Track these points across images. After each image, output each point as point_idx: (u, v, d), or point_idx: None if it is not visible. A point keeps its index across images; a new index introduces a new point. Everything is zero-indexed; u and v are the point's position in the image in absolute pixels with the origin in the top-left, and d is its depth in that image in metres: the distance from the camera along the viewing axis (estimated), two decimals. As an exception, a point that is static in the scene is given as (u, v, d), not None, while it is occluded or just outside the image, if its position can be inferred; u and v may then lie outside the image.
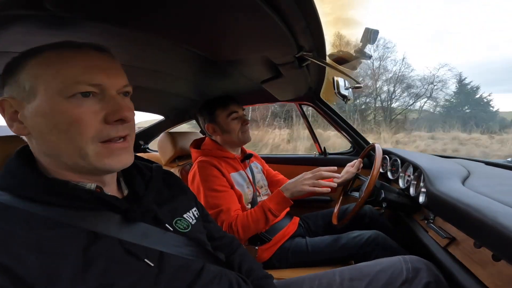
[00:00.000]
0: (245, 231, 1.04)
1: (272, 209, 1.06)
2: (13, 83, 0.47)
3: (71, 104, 0.46)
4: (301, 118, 2.01)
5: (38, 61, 0.46)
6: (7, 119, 0.48)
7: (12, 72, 0.48)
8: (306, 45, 0.77)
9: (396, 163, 1.42)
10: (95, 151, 0.48)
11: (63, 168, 0.50)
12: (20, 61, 0.47)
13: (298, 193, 1.05)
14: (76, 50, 0.48)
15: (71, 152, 0.47)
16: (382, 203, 1.11)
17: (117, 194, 0.58)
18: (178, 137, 1.62)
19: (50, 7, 0.45)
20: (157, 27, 0.60)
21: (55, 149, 0.48)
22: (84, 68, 0.47)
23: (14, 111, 0.48)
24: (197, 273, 0.57)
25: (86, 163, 0.48)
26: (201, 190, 1.12)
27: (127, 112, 0.49)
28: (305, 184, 1.04)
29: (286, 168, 1.90)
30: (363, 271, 0.80)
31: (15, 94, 0.47)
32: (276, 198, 1.08)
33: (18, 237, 0.42)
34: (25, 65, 0.47)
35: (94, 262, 0.44)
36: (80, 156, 0.47)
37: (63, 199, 0.47)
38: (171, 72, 1.03)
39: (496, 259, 0.61)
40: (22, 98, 0.47)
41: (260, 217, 1.06)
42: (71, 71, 0.46)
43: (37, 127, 0.47)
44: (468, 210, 0.66)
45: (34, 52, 0.47)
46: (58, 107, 0.45)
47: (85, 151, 0.47)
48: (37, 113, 0.46)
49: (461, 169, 1.04)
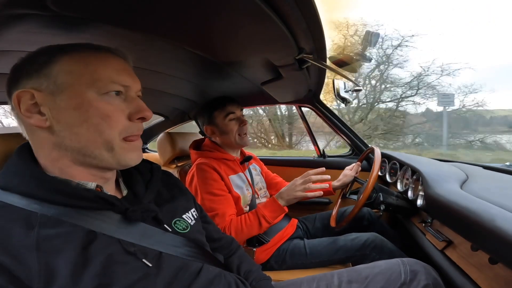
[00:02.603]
0: (238, 236, 1.05)
1: (267, 216, 1.07)
2: (42, 77, 0.48)
3: (104, 100, 0.50)
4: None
5: (74, 58, 0.49)
6: (23, 110, 0.48)
7: (41, 66, 0.48)
8: (306, 47, 0.77)
9: (394, 166, 1.43)
10: (120, 145, 0.52)
11: (75, 163, 0.51)
12: (51, 56, 0.49)
13: (292, 200, 1.07)
14: (108, 53, 0.53)
15: (99, 144, 0.50)
16: (381, 206, 1.12)
17: (116, 194, 0.59)
18: (178, 137, 1.62)
19: (53, 6, 0.45)
20: (159, 29, 0.60)
21: (81, 142, 0.49)
22: (117, 70, 0.52)
23: (34, 103, 0.48)
24: (196, 273, 0.57)
25: (111, 155, 0.51)
26: (199, 192, 1.12)
27: (148, 112, 0.54)
28: (297, 190, 1.06)
29: (285, 170, 1.90)
30: (361, 273, 0.80)
31: (43, 87, 0.48)
32: (271, 205, 1.09)
33: (17, 236, 0.42)
34: (58, 61, 0.49)
35: (93, 261, 0.44)
36: (107, 149, 0.50)
37: (64, 197, 0.48)
38: (171, 73, 1.03)
39: (493, 262, 0.61)
40: (50, 91, 0.48)
41: (254, 223, 1.07)
42: (107, 71, 0.50)
43: (66, 120, 0.49)
44: (465, 214, 0.66)
45: (67, 49, 0.50)
46: (93, 102, 0.49)
47: (111, 144, 0.51)
48: (69, 106, 0.48)
49: (459, 173, 1.04)
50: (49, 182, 0.48)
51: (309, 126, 1.93)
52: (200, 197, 1.11)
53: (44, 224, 0.44)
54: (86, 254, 0.45)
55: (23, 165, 0.49)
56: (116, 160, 0.52)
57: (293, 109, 7.92)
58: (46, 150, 0.51)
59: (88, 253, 0.45)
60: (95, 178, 0.54)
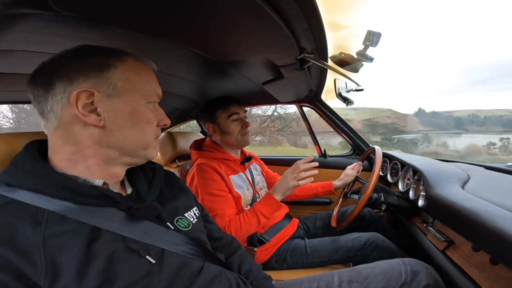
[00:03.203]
0: (238, 234, 1.05)
1: (263, 211, 1.07)
2: (102, 78, 0.51)
3: (148, 108, 0.57)
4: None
5: (130, 66, 0.55)
6: (80, 107, 0.50)
7: (102, 68, 0.52)
8: (307, 46, 0.77)
9: (396, 167, 1.43)
10: (152, 144, 0.59)
11: (106, 161, 0.54)
12: (111, 61, 0.53)
13: (286, 192, 1.08)
14: (148, 66, 0.60)
15: (140, 144, 0.56)
16: (382, 206, 1.12)
17: (121, 192, 0.59)
18: (179, 137, 1.62)
19: (54, 6, 0.46)
20: (160, 28, 0.60)
21: (127, 141, 0.54)
22: (156, 84, 0.60)
23: (91, 102, 0.50)
24: (197, 272, 0.57)
25: (144, 152, 0.58)
26: (199, 192, 1.13)
27: (168, 120, 0.62)
28: (288, 181, 1.07)
29: (286, 170, 1.88)
30: (362, 273, 0.80)
31: (103, 88, 0.51)
32: (266, 201, 1.10)
33: (24, 232, 0.42)
34: (118, 66, 0.53)
35: (97, 258, 0.45)
36: (144, 148, 0.57)
37: (70, 194, 0.48)
38: (173, 73, 1.03)
39: (494, 262, 0.61)
40: (108, 93, 0.52)
41: (252, 220, 1.07)
42: (153, 83, 0.59)
43: (118, 121, 0.53)
44: (467, 214, 0.66)
45: (121, 55, 0.55)
46: (142, 108, 0.56)
47: (148, 144, 0.58)
48: (125, 109, 0.53)
49: (460, 173, 1.04)
50: (57, 179, 0.49)
51: (310, 126, 1.93)
52: (201, 197, 1.12)
53: (50, 221, 0.45)
54: (91, 251, 0.45)
55: (32, 161, 0.50)
56: (145, 156, 0.59)
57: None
58: (79, 147, 0.51)
59: (93, 250, 0.45)
60: (108, 177, 0.55)
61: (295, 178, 1.06)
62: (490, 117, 17.79)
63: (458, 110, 10.04)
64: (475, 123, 16.75)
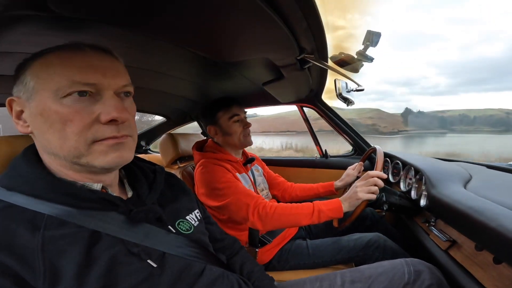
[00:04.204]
0: (273, 220, 0.98)
1: (323, 210, 0.97)
2: (20, 84, 0.49)
3: (65, 104, 0.46)
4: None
5: (40, 62, 0.48)
6: (14, 117, 0.51)
7: (19, 73, 0.49)
8: (308, 47, 0.77)
9: (397, 166, 1.42)
10: (90, 149, 0.48)
11: (64, 167, 0.50)
12: (27, 62, 0.49)
13: (354, 203, 0.98)
14: (75, 51, 0.48)
15: (67, 151, 0.47)
16: (384, 206, 1.11)
17: (121, 195, 0.58)
18: (180, 138, 1.62)
19: (54, 8, 0.46)
20: (160, 29, 0.60)
21: (54, 148, 0.48)
22: (80, 68, 0.47)
23: (20, 110, 0.50)
24: (199, 274, 0.57)
25: (83, 161, 0.48)
26: (212, 185, 1.10)
27: (120, 113, 0.48)
28: (360, 191, 0.97)
29: (287, 171, 1.90)
30: (365, 273, 0.79)
31: (21, 94, 0.49)
32: (332, 204, 0.99)
33: (23, 237, 0.42)
34: (29, 66, 0.48)
35: (97, 262, 0.44)
36: (76, 155, 0.48)
37: (69, 198, 0.48)
38: (173, 73, 1.04)
39: (497, 261, 0.61)
40: (26, 97, 0.48)
41: (306, 211, 0.98)
42: (67, 71, 0.46)
43: (37, 126, 0.49)
44: (469, 213, 0.65)
45: (39, 54, 0.49)
46: (53, 106, 0.46)
47: (79, 150, 0.47)
48: (37, 112, 0.47)
49: (463, 172, 1.04)
50: (55, 183, 0.48)
51: (311, 126, 1.93)
52: (212, 187, 1.09)
53: (49, 225, 0.44)
54: (91, 255, 0.45)
55: (29, 166, 0.49)
56: (91, 165, 0.49)
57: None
58: (42, 153, 0.52)
59: (93, 254, 0.45)
60: (95, 180, 0.53)
61: (368, 190, 0.97)
62: (480, 117, 17.78)
63: (449, 110, 10.03)
64: (464, 123, 16.73)
